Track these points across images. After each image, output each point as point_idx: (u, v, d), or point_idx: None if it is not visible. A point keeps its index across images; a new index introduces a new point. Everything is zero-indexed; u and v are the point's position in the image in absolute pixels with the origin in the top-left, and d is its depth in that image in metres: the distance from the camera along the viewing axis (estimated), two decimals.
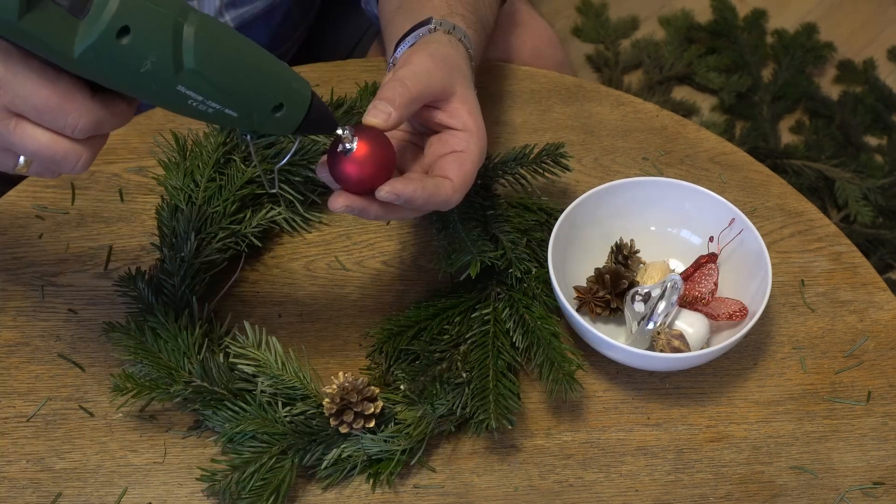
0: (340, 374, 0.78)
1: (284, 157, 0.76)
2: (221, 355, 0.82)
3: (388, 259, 0.92)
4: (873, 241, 1.74)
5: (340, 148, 0.71)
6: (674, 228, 0.91)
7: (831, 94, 2.00)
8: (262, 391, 0.80)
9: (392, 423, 0.79)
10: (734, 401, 0.86)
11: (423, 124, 0.78)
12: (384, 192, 0.71)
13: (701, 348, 0.84)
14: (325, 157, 0.73)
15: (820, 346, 0.89)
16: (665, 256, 0.91)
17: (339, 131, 0.71)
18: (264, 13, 1.06)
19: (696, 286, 0.87)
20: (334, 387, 0.77)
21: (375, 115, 0.72)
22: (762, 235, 0.86)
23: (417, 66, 0.74)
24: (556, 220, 0.86)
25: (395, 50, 0.81)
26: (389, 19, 0.88)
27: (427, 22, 0.80)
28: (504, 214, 0.89)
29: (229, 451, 0.78)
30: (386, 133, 0.72)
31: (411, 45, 0.79)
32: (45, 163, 0.63)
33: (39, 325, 0.86)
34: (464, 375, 0.81)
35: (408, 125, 0.79)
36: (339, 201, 0.72)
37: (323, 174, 0.73)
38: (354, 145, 0.71)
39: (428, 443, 0.81)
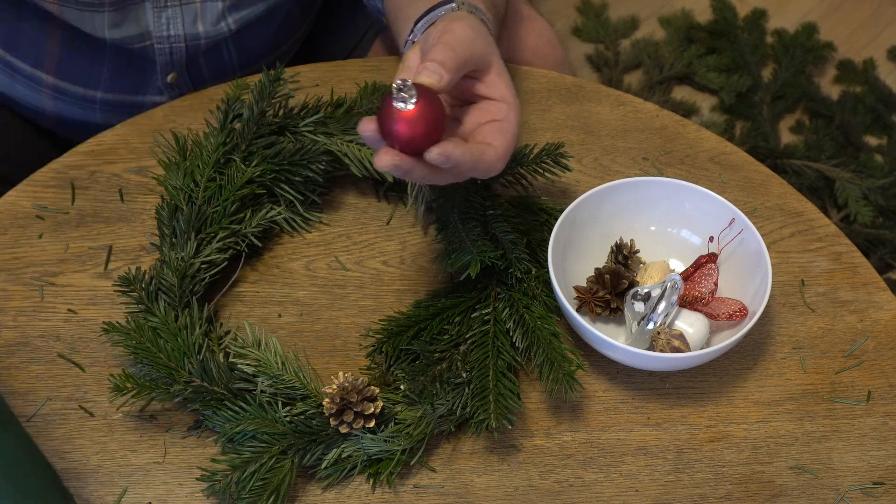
0: (340, 374, 0.78)
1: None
2: (221, 355, 0.82)
3: (388, 259, 0.92)
4: (873, 241, 1.74)
5: (398, 103, 0.70)
6: (674, 228, 0.91)
7: (831, 94, 2.00)
8: (262, 391, 0.80)
9: (392, 423, 0.79)
10: (734, 401, 0.86)
11: (460, 96, 0.79)
12: (435, 153, 0.71)
13: (701, 348, 0.84)
14: (369, 117, 0.72)
15: (820, 346, 0.89)
16: (665, 256, 0.91)
17: (399, 84, 0.70)
18: (265, 14, 1.06)
19: (696, 286, 0.87)
20: (334, 387, 0.77)
21: (429, 75, 0.71)
22: (762, 235, 0.86)
23: (461, 34, 0.75)
24: (556, 220, 0.86)
25: (414, 26, 0.81)
26: None
27: (449, 0, 0.81)
28: (504, 214, 0.89)
29: (229, 451, 0.78)
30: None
31: (440, 19, 0.79)
32: None
33: (39, 325, 0.87)
34: (464, 375, 0.81)
35: (447, 96, 0.79)
36: (386, 159, 0.71)
37: (367, 131, 0.72)
38: (414, 101, 0.70)
39: (428, 443, 0.81)
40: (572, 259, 0.88)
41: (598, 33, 2.08)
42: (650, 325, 0.83)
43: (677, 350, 0.82)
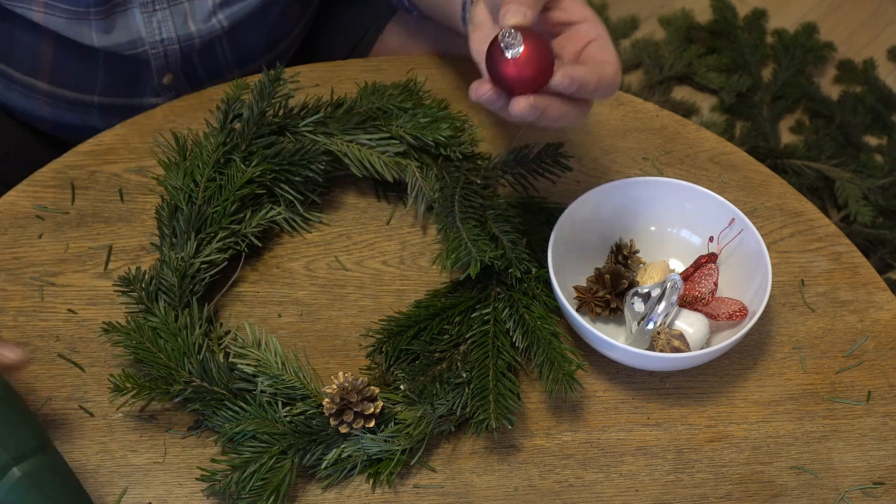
0: (340, 374, 0.78)
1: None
2: (221, 355, 0.82)
3: (388, 259, 0.92)
4: (873, 241, 1.74)
5: (509, 52, 0.71)
6: (674, 228, 0.91)
7: (831, 94, 2.00)
8: (262, 391, 0.80)
9: (392, 423, 0.79)
10: (734, 401, 0.86)
11: (543, 29, 0.79)
12: (559, 77, 0.71)
13: (701, 348, 0.84)
14: (479, 80, 0.73)
15: (820, 346, 0.89)
16: (665, 256, 0.91)
17: (503, 33, 0.71)
18: (259, 10, 1.06)
19: (696, 286, 0.87)
20: (334, 387, 0.77)
21: (514, 15, 0.72)
22: (762, 235, 0.86)
23: None
24: (556, 220, 0.86)
25: None
26: None
27: None
28: (504, 214, 0.89)
29: (229, 451, 0.78)
30: None
31: None
32: None
33: (39, 325, 0.87)
34: (464, 375, 0.81)
35: None
36: (522, 103, 0.72)
37: (485, 92, 0.73)
38: (522, 44, 0.71)
39: (428, 443, 0.81)
40: (572, 259, 0.88)
41: None
42: (650, 325, 0.83)
43: (677, 350, 0.82)
